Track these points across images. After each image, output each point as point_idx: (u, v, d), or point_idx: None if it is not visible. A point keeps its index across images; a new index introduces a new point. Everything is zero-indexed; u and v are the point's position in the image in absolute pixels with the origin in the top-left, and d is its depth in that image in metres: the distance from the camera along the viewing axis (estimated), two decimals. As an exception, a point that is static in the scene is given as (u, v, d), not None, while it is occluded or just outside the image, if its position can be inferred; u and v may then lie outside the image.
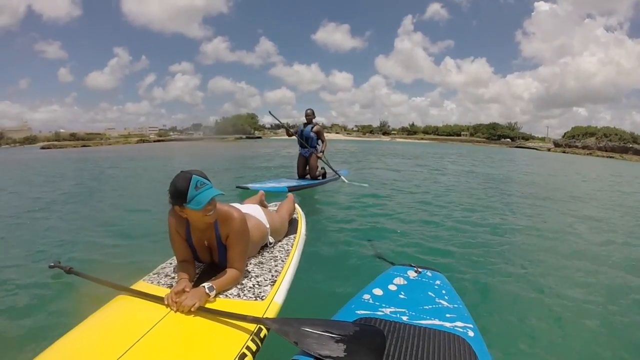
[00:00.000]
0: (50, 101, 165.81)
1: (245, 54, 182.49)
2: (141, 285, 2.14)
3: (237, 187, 6.92)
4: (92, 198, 7.85)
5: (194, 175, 1.99)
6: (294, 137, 8.56)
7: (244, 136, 77.55)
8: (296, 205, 3.68)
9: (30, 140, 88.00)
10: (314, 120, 8.33)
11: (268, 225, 2.69)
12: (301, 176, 8.44)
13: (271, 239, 2.73)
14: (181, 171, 2.05)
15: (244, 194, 6.09)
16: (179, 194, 1.98)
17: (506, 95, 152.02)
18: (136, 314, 1.85)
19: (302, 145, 8.32)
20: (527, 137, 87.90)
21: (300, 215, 3.54)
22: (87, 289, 2.90)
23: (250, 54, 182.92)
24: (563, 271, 3.61)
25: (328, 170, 8.87)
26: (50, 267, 3.21)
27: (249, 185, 6.78)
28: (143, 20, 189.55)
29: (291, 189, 6.55)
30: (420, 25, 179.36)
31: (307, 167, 8.37)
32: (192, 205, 1.97)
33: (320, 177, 8.37)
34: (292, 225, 3.22)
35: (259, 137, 78.08)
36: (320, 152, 8.21)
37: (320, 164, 8.48)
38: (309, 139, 8.16)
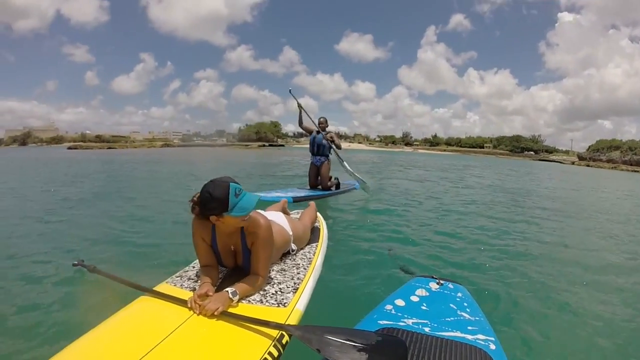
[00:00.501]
0: (76, 103, 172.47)
1: (269, 63, 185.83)
2: (164, 287, 2.15)
3: None
4: (118, 200, 8.01)
5: (231, 183, 1.99)
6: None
7: (266, 144, 78.07)
8: (318, 213, 3.67)
9: (57, 140, 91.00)
10: (327, 129, 8.02)
11: (291, 233, 2.68)
12: (313, 186, 8.06)
13: (294, 246, 2.72)
14: (210, 181, 2.04)
15: None
16: (220, 203, 1.96)
17: (530, 107, 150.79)
18: (159, 315, 1.85)
19: (313, 153, 8.01)
20: (550, 150, 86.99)
21: (322, 223, 3.52)
22: (109, 288, 2.93)
23: (274, 63, 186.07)
24: (586, 288, 3.53)
25: (346, 181, 8.63)
26: (74, 265, 3.26)
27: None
28: (169, 27, 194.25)
29: (297, 200, 6.42)
30: (443, 36, 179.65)
31: (319, 177, 8.01)
32: (235, 212, 1.97)
33: (333, 188, 8.05)
34: (314, 233, 3.21)
35: (282, 145, 78.16)
36: (332, 140, 7.86)
37: (333, 173, 8.17)
38: (321, 146, 7.85)
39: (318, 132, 7.94)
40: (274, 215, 2.73)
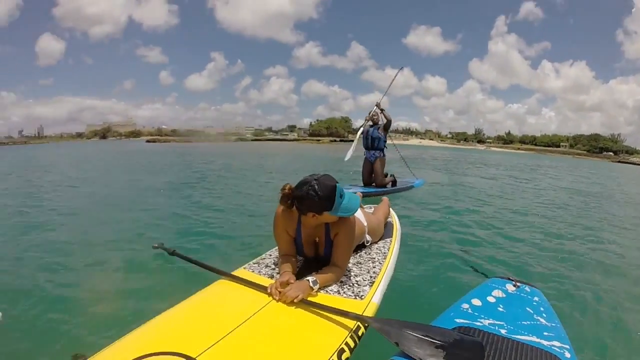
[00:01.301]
0: (152, 100, 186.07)
1: (337, 58, 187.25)
2: (241, 273, 2.23)
3: None
4: (194, 190, 8.45)
5: (336, 185, 2.01)
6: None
7: (337, 139, 78.20)
8: (391, 210, 3.65)
9: (135, 134, 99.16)
10: (380, 122, 7.70)
11: (365, 224, 2.69)
12: (367, 184, 7.78)
13: (368, 237, 2.73)
14: (315, 179, 2.02)
15: None
16: (325, 202, 1.98)
17: (609, 103, 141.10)
18: (238, 299, 1.92)
19: (367, 147, 7.75)
20: (631, 152, 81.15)
21: (395, 219, 3.51)
22: (188, 271, 3.10)
23: (342, 58, 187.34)
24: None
25: (404, 179, 8.40)
26: (154, 247, 3.44)
27: None
28: (237, 26, 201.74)
29: None
30: (514, 26, 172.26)
31: (373, 174, 7.72)
32: (340, 213, 2.01)
33: (389, 186, 7.72)
34: (388, 228, 3.20)
35: (352, 141, 78.50)
36: (381, 109, 7.55)
37: (389, 169, 7.90)
38: (375, 139, 7.56)
39: (371, 126, 7.69)
40: None
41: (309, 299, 1.86)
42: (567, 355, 1.67)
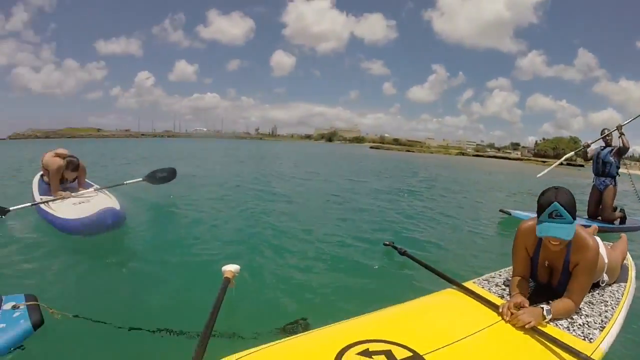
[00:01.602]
0: (375, 110, 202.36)
1: (564, 68, 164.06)
2: (471, 286, 2.34)
3: (500, 210, 6.45)
4: (420, 199, 8.88)
5: (555, 202, 1.94)
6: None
7: (564, 162, 70.87)
8: (627, 252, 3.21)
9: (359, 140, 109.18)
10: (614, 143, 6.47)
11: (606, 261, 2.49)
12: (592, 216, 6.64)
13: (605, 277, 2.54)
14: (555, 187, 2.04)
15: (507, 222, 6.00)
16: (538, 211, 2.02)
17: None
18: (467, 310, 2.04)
19: (597, 173, 6.60)
20: None
21: (630, 262, 3.12)
22: (415, 272, 3.36)
23: (569, 68, 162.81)
24: None
25: (636, 217, 7.07)
26: (385, 245, 3.82)
27: (512, 212, 6.14)
28: (455, 37, 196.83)
29: None
30: None
31: (601, 206, 6.56)
32: (537, 227, 2.01)
33: (617, 222, 6.47)
34: (623, 271, 2.91)
35: (581, 166, 69.76)
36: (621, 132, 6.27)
37: (618, 203, 6.69)
38: (607, 164, 6.40)
39: (603, 148, 6.60)
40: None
41: (539, 327, 1.86)
42: None
